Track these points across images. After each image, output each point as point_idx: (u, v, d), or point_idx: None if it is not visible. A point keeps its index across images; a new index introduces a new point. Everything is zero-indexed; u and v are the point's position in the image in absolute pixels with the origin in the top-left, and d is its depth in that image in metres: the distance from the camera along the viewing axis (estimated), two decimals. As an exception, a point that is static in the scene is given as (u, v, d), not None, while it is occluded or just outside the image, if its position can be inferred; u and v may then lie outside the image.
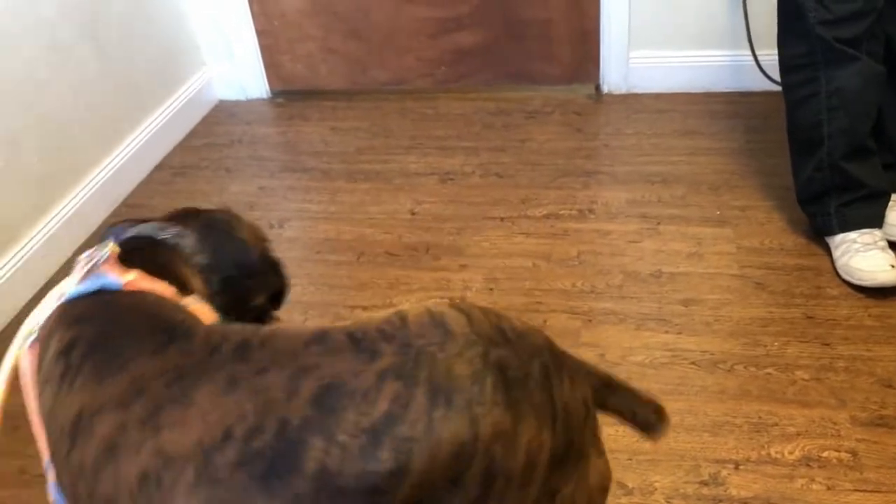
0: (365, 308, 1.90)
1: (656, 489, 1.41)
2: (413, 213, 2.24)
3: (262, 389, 0.75)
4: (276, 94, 3.00)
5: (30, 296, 2.05)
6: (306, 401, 0.73)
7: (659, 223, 2.08)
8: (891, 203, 1.89)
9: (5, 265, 2.00)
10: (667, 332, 1.74)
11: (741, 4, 2.48)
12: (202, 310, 0.93)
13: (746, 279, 1.87)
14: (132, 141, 2.51)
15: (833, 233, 1.87)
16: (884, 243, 1.81)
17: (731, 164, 2.30)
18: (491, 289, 1.92)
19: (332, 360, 0.76)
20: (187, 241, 1.02)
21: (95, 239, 2.23)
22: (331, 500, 0.71)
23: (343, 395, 0.73)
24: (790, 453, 1.45)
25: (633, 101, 2.70)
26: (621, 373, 1.64)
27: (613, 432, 1.51)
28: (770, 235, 1.99)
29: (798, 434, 1.48)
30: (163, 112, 2.67)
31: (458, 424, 0.73)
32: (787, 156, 1.97)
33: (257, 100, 3.00)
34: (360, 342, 0.77)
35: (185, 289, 0.96)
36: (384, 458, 0.71)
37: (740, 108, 2.58)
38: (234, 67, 2.95)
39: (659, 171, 2.30)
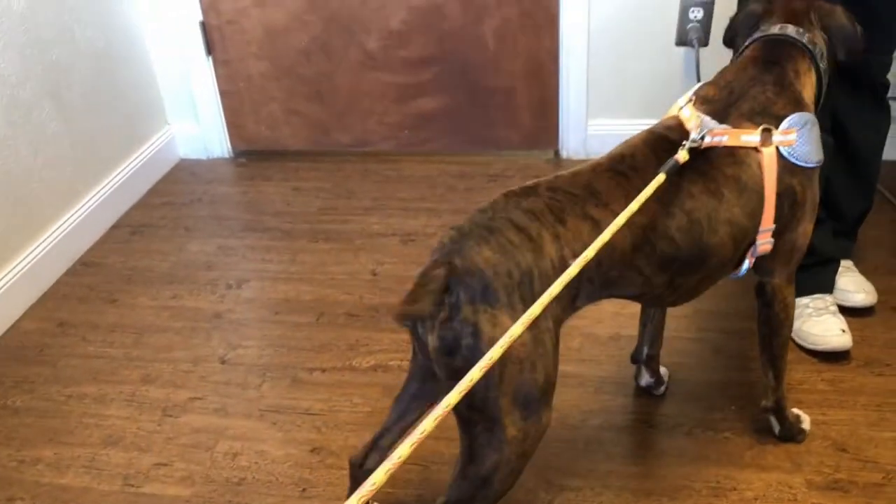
0: (324, 371, 1.88)
1: (617, 556, 1.39)
2: (374, 274, 2.24)
3: None
4: (238, 153, 3.01)
5: (-23, 355, 1.99)
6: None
7: (617, 286, 2.11)
8: (840, 269, 1.95)
9: (-47, 324, 1.94)
10: (626, 395, 1.75)
11: (695, 74, 2.57)
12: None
13: (704, 342, 1.89)
14: (91, 198, 2.48)
15: None
16: (835, 308, 1.85)
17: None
18: (451, 351, 1.91)
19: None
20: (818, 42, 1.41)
21: (49, 298, 2.19)
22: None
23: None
24: (749, 518, 1.45)
25: (591, 167, 2.75)
26: (581, 436, 1.64)
27: (573, 497, 1.50)
28: (726, 299, 2.03)
29: (756, 498, 1.48)
30: (123, 170, 2.66)
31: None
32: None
33: (219, 159, 3.00)
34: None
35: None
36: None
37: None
38: (197, 127, 2.96)
39: (617, 235, 2.34)
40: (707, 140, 1.22)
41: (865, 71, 1.75)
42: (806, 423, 1.61)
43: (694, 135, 1.21)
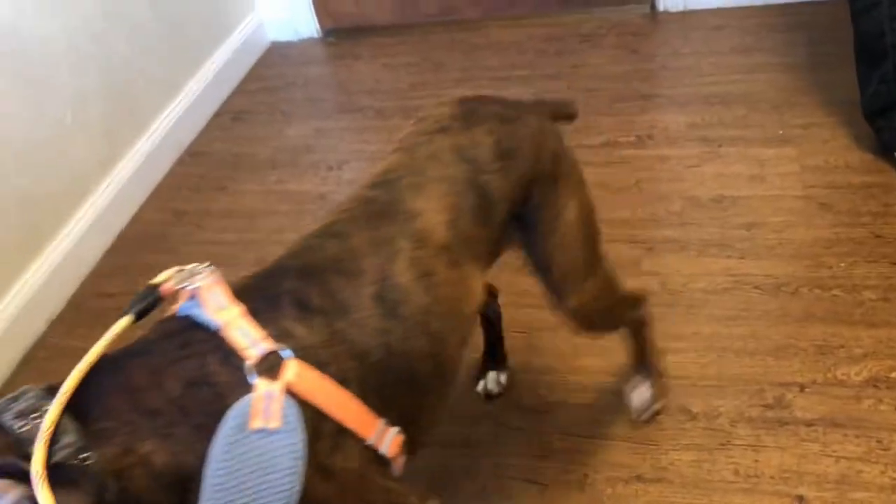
0: (426, 245, 1.93)
1: (721, 413, 1.43)
2: (469, 148, 2.24)
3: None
4: (326, 32, 3.00)
5: (105, 247, 2.14)
6: (456, 161, 1.00)
7: (719, 146, 2.05)
8: None
9: (80, 218, 2.09)
10: (729, 257, 1.73)
11: None
12: None
13: (811, 199, 1.83)
14: (190, 88, 2.55)
15: None
16: None
17: (792, 80, 2.23)
18: (550, 221, 1.92)
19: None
20: None
21: (164, 189, 2.31)
22: (507, 210, 1.03)
23: (465, 149, 1.01)
24: (857, 374, 1.45)
25: (689, 19, 2.62)
26: (683, 300, 1.65)
27: (678, 359, 1.53)
28: (835, 153, 1.94)
29: (865, 355, 1.48)
30: (217, 57, 2.70)
31: (521, 127, 1.06)
32: (852, 68, 1.91)
33: (308, 39, 3.00)
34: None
35: None
36: (514, 165, 1.03)
37: (800, 20, 2.48)
38: (284, 8, 2.95)
39: (718, 91, 2.25)
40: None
41: None
42: None
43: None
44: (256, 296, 0.82)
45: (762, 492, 1.31)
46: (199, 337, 0.78)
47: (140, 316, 0.82)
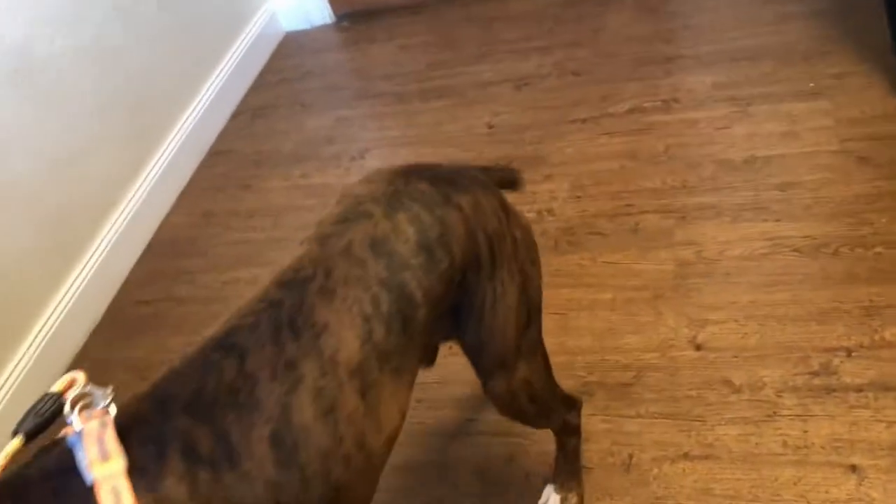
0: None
1: (766, 384, 1.40)
2: (491, 127, 2.21)
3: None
4: (339, 17, 2.97)
5: (138, 254, 2.16)
6: (371, 257, 0.86)
7: (748, 104, 1.98)
8: None
9: (112, 227, 2.10)
10: (765, 220, 1.68)
11: None
12: None
13: (848, 154, 1.77)
14: (210, 86, 2.55)
15: None
16: None
17: (822, 27, 2.15)
18: (578, 197, 1.89)
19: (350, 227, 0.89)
20: None
21: (190, 191, 2.31)
22: (432, 308, 0.89)
23: (382, 241, 0.88)
24: (906, 335, 1.40)
25: (710, -28, 2.53)
26: (720, 268, 1.61)
27: (717, 331, 1.50)
28: (871, 103, 1.87)
29: (914, 314, 1.43)
30: (234, 52, 2.69)
31: (451, 211, 0.92)
32: (884, 10, 1.83)
33: (322, 26, 2.97)
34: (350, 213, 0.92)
35: None
36: (440, 258, 0.89)
37: (829, -37, 2.38)
38: (295, -3, 2.93)
39: (744, 46, 2.17)
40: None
41: None
42: None
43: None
44: (144, 437, 0.72)
45: (813, 463, 1.27)
46: (72, 488, 0.69)
47: (33, 435, 0.73)
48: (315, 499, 0.77)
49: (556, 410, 1.21)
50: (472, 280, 0.95)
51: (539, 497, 1.33)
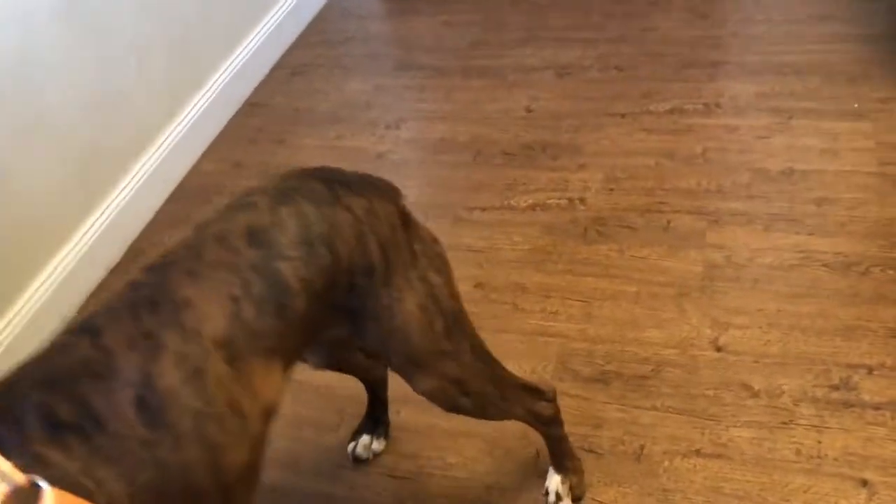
0: (483, 210, 1.91)
1: (784, 392, 1.40)
2: (529, 111, 2.21)
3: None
4: (386, -13, 2.96)
5: (164, 197, 2.16)
6: (246, 245, 0.87)
7: (791, 117, 1.98)
8: None
9: (141, 168, 2.11)
10: (798, 232, 1.68)
11: None
12: None
13: (886, 177, 1.77)
14: (251, 41, 2.54)
15: None
16: None
17: (870, 51, 2.14)
18: (611, 189, 1.89)
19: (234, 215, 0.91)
20: None
21: (223, 140, 2.31)
22: (313, 300, 0.90)
23: (261, 231, 0.89)
24: (929, 360, 1.41)
25: (763, -16, 2.52)
26: (748, 275, 1.61)
27: (740, 335, 1.50)
28: (914, 129, 1.87)
29: (938, 340, 1.43)
30: (279, 9, 2.69)
31: (340, 212, 0.94)
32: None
33: (368, -6, 2.97)
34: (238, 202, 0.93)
35: None
36: (322, 253, 0.90)
37: (884, -12, 2.38)
38: (344, -39, 2.92)
39: (791, 60, 2.17)
40: None
41: None
42: None
43: None
44: None
45: (825, 473, 1.28)
46: None
47: None
48: (195, 457, 0.78)
49: (510, 403, 1.20)
50: (364, 284, 0.96)
51: (545, 477, 1.34)
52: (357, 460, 1.43)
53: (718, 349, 1.49)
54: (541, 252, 1.77)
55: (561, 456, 1.32)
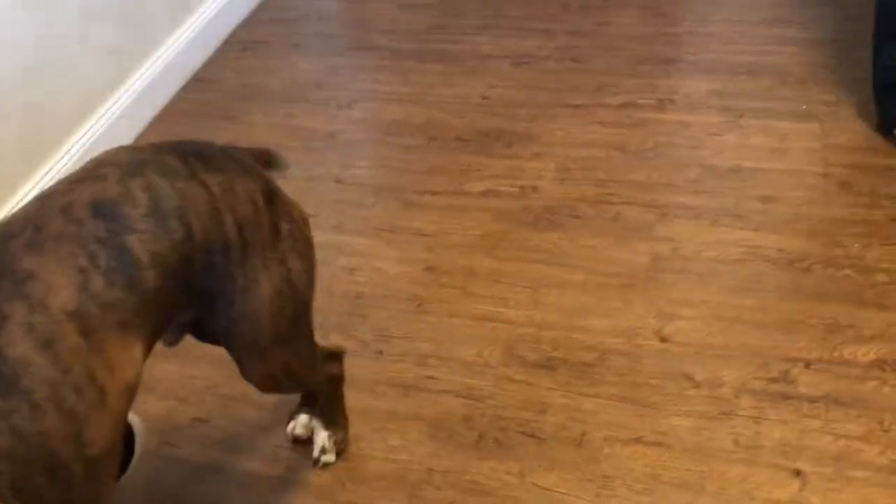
0: (434, 193, 1.90)
1: (724, 383, 1.42)
2: (485, 98, 2.20)
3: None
4: (344, -33, 2.92)
5: (108, 167, 2.09)
6: (90, 216, 0.85)
7: (741, 116, 2.01)
8: None
9: (82, 137, 2.03)
10: (743, 228, 1.71)
11: None
12: None
13: (831, 178, 1.80)
14: (201, 14, 2.48)
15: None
16: None
17: (820, 55, 2.18)
18: (563, 179, 1.89)
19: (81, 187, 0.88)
20: None
21: (168, 114, 2.25)
22: (167, 276, 0.88)
23: (108, 204, 0.86)
24: (864, 356, 1.44)
25: (719, -15, 2.55)
26: (694, 267, 1.63)
27: (684, 326, 1.52)
28: (858, 133, 1.91)
29: (874, 337, 1.46)
30: (231, -16, 2.62)
31: (194, 187, 0.91)
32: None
33: (325, -27, 2.92)
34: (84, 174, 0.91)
35: None
36: (174, 228, 0.88)
37: (835, -4, 2.43)
38: (302, -62, 2.86)
39: (744, 60, 2.20)
40: None
41: None
42: None
43: None
44: None
45: (761, 463, 1.30)
46: None
47: None
48: (54, 426, 0.75)
49: (317, 377, 1.22)
50: (219, 263, 0.94)
51: (488, 459, 1.33)
52: (297, 441, 1.41)
53: (662, 339, 1.50)
54: (492, 238, 1.76)
55: (335, 414, 1.35)
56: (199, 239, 0.91)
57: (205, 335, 1.07)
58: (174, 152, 0.94)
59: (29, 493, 0.73)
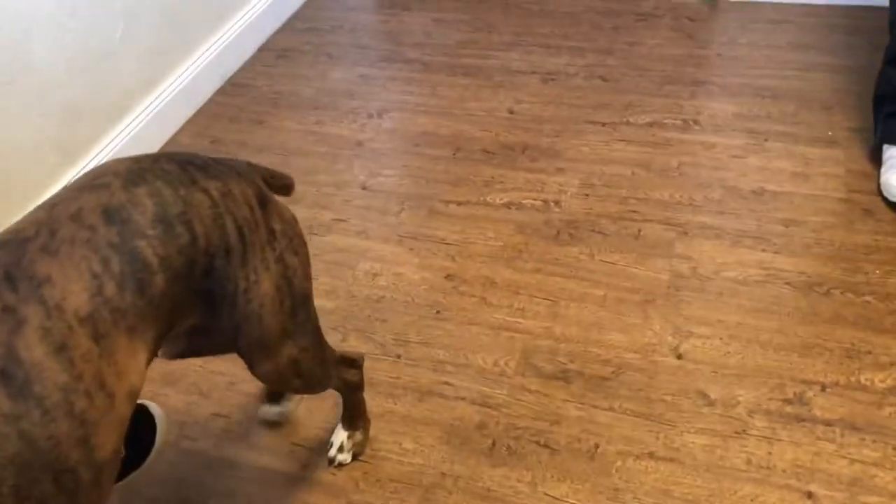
0: (459, 204, 1.92)
1: (739, 403, 1.42)
2: (512, 112, 2.22)
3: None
4: (379, -20, 2.97)
5: (141, 166, 2.14)
6: (102, 223, 0.86)
7: (766, 139, 2.02)
8: None
9: (119, 135, 2.09)
10: (764, 250, 1.72)
11: None
12: None
13: (853, 204, 1.81)
14: (239, 19, 2.53)
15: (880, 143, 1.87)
16: None
17: (847, 82, 2.19)
18: (587, 194, 1.91)
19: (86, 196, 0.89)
20: None
21: (202, 116, 2.30)
22: (173, 280, 0.90)
23: (117, 210, 0.88)
24: (881, 381, 1.44)
25: (749, 10, 2.57)
26: (713, 287, 1.64)
27: (701, 344, 1.52)
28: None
29: (892, 364, 1.46)
30: (268, -7, 2.68)
31: (196, 193, 0.93)
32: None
33: (360, -15, 2.97)
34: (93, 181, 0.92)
35: None
36: (180, 232, 0.91)
37: (862, 24, 2.43)
38: (339, -50, 2.92)
39: (770, 85, 2.21)
40: None
41: None
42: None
43: None
44: None
45: (773, 484, 1.30)
46: None
47: None
48: (65, 431, 0.77)
49: (330, 377, 1.25)
50: (221, 267, 0.96)
51: (500, 467, 1.34)
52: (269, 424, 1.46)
53: (679, 356, 1.51)
54: (513, 249, 1.78)
55: (356, 416, 1.39)
56: (202, 243, 0.93)
57: (206, 343, 1.10)
58: (171, 161, 0.96)
59: (34, 499, 0.74)
